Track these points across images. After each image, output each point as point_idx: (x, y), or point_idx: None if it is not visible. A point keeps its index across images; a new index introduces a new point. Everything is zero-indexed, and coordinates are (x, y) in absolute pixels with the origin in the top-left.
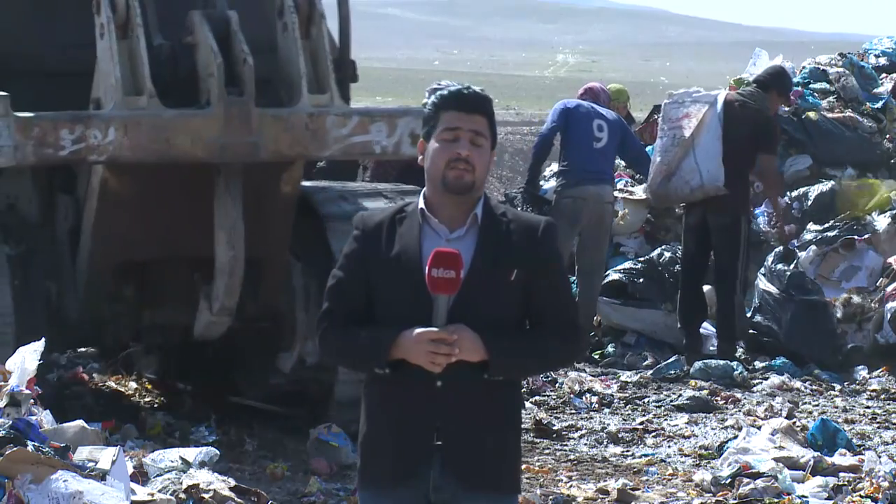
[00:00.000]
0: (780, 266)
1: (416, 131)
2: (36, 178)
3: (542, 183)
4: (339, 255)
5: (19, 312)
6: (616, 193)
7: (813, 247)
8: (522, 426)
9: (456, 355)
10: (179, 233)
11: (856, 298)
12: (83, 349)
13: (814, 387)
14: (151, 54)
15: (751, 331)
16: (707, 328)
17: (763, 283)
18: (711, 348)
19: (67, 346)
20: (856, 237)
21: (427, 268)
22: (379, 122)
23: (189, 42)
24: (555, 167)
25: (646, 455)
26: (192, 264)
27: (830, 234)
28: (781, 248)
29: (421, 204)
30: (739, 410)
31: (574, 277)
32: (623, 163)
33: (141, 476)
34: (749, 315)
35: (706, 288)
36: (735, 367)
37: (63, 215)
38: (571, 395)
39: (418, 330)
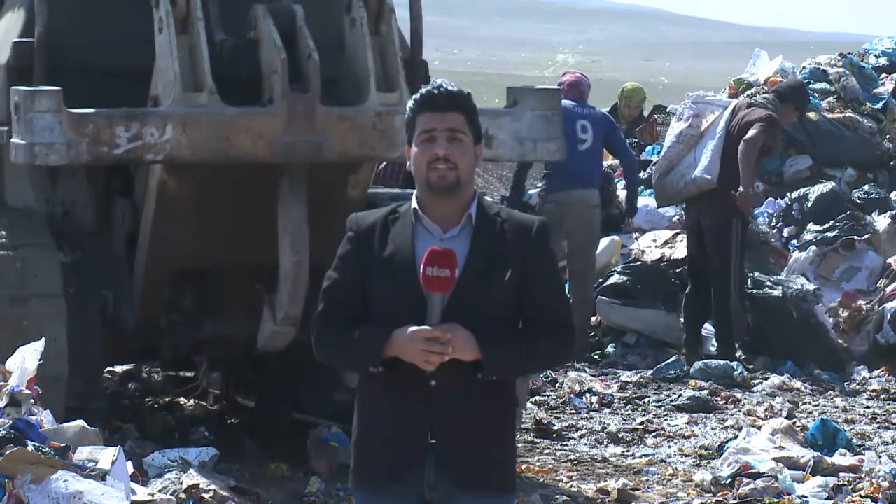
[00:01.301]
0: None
1: (489, 132)
2: (92, 181)
3: (528, 188)
4: None
5: (73, 323)
6: (620, 193)
7: (813, 247)
8: (523, 426)
9: (449, 354)
10: (241, 238)
11: (854, 303)
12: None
13: (814, 387)
14: (212, 50)
15: (745, 337)
16: (708, 329)
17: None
18: (712, 349)
19: (124, 358)
20: (856, 237)
21: (422, 266)
22: None
23: (252, 38)
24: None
25: (646, 455)
26: (255, 272)
27: (830, 234)
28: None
29: (414, 204)
30: (739, 410)
31: (567, 279)
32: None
33: (141, 476)
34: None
35: None
36: (735, 367)
37: (120, 220)
38: (571, 395)
39: (412, 329)
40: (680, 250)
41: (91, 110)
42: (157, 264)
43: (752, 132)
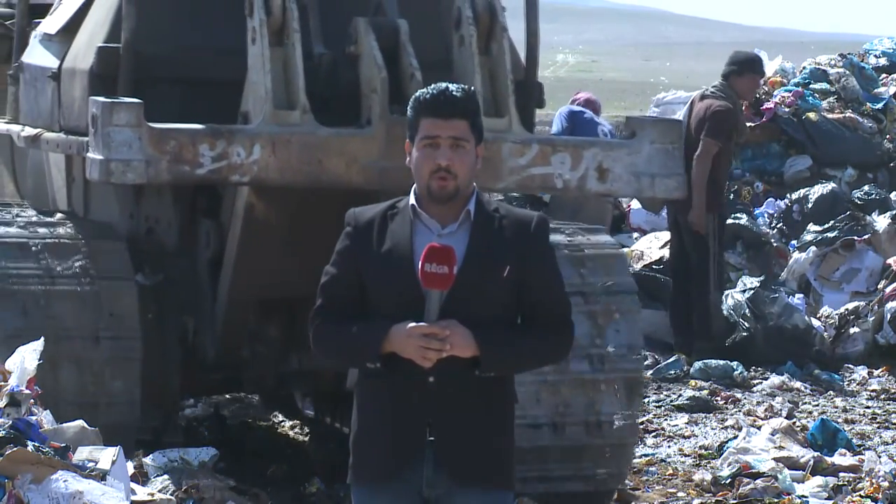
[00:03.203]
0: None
1: (603, 165)
2: (177, 199)
3: None
4: None
5: (150, 350)
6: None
7: (813, 248)
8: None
9: (447, 351)
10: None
11: (852, 306)
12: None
13: (814, 387)
14: (309, 64)
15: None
16: None
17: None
18: None
19: (203, 390)
20: (855, 238)
21: (420, 263)
22: (562, 152)
23: (352, 53)
24: None
25: (646, 455)
26: None
27: (830, 234)
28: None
29: (412, 200)
30: (739, 410)
31: None
32: None
33: (141, 476)
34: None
35: None
36: (735, 367)
37: (204, 242)
38: None
39: (410, 324)
40: None
41: (173, 125)
42: (242, 291)
43: (700, 148)
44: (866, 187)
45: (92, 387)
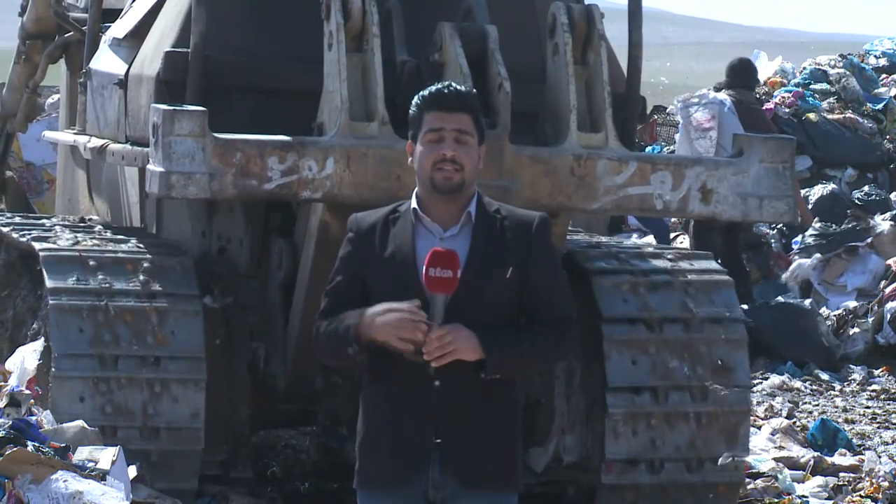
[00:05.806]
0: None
1: (707, 185)
2: (249, 216)
3: None
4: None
5: (217, 377)
6: None
7: (817, 254)
8: None
9: (452, 355)
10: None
11: (851, 306)
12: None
13: (814, 387)
14: (390, 73)
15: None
16: None
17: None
18: None
19: (274, 422)
20: (859, 244)
21: (424, 267)
22: (662, 170)
23: (436, 60)
24: None
25: None
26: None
27: (832, 236)
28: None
29: (413, 203)
30: None
31: None
32: None
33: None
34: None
35: None
36: None
37: (277, 263)
38: None
39: (381, 305)
40: None
41: (239, 136)
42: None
43: None
44: (866, 188)
45: (152, 409)
